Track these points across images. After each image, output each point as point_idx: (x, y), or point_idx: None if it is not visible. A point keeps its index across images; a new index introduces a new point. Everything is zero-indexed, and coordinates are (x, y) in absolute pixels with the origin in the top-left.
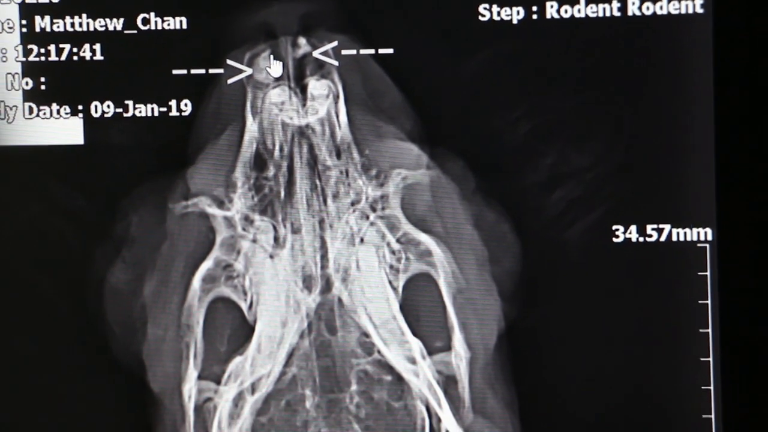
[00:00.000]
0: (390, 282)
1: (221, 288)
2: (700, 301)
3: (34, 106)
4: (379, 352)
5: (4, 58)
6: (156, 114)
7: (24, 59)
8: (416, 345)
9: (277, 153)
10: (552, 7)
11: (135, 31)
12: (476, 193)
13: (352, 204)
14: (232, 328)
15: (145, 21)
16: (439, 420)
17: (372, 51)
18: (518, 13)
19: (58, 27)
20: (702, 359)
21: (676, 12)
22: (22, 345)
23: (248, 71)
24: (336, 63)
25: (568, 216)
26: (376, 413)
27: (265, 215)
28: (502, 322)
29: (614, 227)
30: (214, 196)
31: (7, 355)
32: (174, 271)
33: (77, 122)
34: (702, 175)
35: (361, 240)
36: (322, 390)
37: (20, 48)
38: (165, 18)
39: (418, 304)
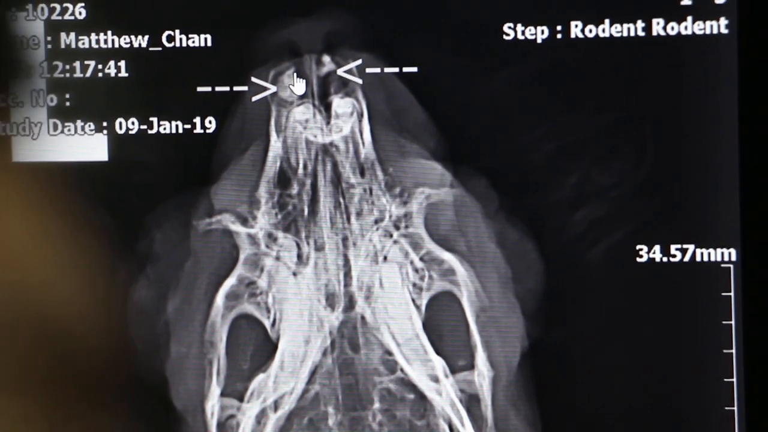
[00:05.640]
0: (413, 300)
1: (244, 305)
2: (724, 322)
3: (58, 122)
4: (402, 370)
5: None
6: (180, 131)
7: (49, 75)
8: (439, 363)
9: (300, 170)
10: (576, 26)
11: (160, 48)
12: (499, 212)
13: (376, 222)
14: (255, 346)
15: (170, 38)
16: None
17: (396, 69)
18: (543, 32)
19: (83, 44)
20: (726, 380)
21: (701, 32)
22: (44, 361)
23: (273, 89)
24: (360, 81)
25: (591, 235)
26: (398, 431)
27: (288, 233)
28: (526, 341)
29: (638, 247)
30: (238, 213)
31: (28, 370)
32: (197, 288)
33: (102, 139)
34: (726, 195)
35: (385, 258)
36: (344, 408)
37: (45, 64)
38: (190, 35)
39: (441, 323)
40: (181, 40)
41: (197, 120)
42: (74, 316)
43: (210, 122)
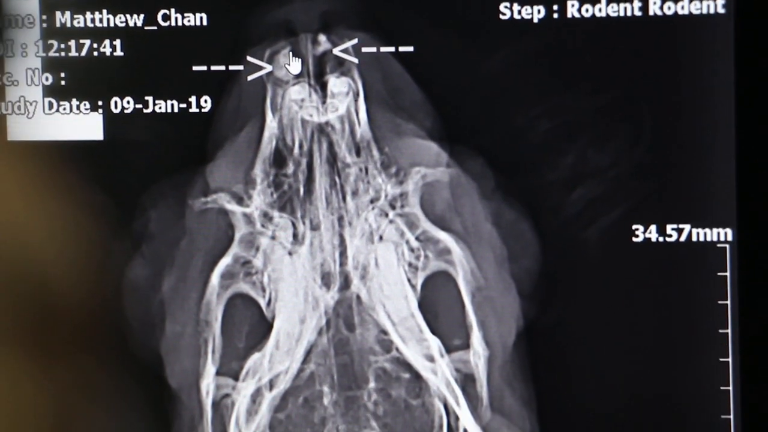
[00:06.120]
0: (409, 280)
1: (240, 284)
2: (719, 302)
3: (53, 101)
4: (397, 349)
5: (25, 54)
6: (176, 110)
7: (44, 54)
8: (434, 343)
9: (296, 150)
10: (573, 6)
11: (155, 27)
12: (496, 192)
13: (372, 201)
14: (250, 325)
15: (166, 17)
16: (457, 418)
17: (392, 49)
18: (539, 11)
19: (78, 22)
20: (721, 359)
21: (698, 12)
22: (39, 339)
23: (268, 68)
24: (356, 60)
25: (587, 215)
26: (393, 411)
27: (284, 212)
28: (521, 321)
29: (634, 227)
30: (234, 193)
31: (24, 349)
32: (193, 267)
33: (97, 118)
34: (723, 175)
35: (380, 237)
36: (340, 387)
37: (40, 43)
38: (185, 14)
39: (437, 302)
40: (176, 19)
41: (193, 99)
42: (71, 295)
43: (205, 101)
